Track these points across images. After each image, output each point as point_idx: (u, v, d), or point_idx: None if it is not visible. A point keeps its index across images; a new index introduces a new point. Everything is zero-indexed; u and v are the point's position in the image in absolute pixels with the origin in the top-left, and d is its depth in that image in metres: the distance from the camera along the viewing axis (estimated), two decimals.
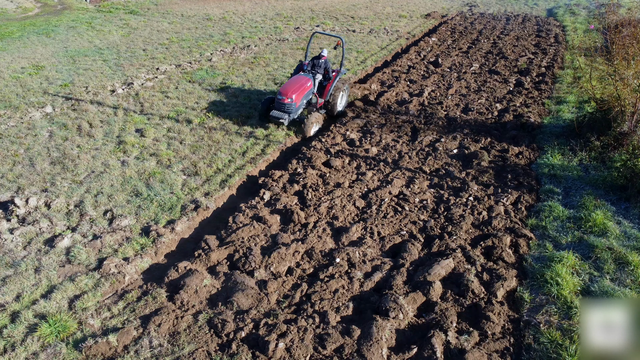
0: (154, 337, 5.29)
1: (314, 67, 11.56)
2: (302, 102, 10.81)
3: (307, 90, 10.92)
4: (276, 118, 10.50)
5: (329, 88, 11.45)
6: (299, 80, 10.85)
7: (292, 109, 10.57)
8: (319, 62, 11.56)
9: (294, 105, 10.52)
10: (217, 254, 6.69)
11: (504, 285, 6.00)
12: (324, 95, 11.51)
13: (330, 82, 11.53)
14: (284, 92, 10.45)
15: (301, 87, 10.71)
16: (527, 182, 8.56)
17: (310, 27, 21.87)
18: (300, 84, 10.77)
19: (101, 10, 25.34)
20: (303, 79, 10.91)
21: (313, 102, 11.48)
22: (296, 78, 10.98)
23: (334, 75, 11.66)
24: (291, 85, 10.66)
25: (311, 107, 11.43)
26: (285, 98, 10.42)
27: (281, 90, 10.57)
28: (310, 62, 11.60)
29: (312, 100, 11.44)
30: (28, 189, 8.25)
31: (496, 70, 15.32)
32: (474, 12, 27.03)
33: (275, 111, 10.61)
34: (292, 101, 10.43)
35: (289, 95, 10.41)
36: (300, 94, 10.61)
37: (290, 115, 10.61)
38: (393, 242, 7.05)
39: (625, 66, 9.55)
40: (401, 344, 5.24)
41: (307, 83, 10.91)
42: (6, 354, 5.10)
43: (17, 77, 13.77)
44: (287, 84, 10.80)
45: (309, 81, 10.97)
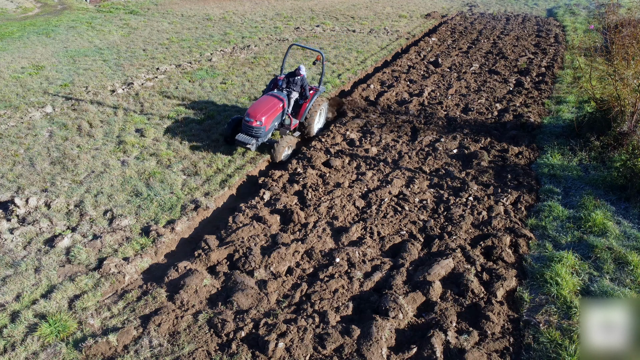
0: (154, 336, 5.29)
1: (289, 84, 10.32)
2: (272, 124, 9.66)
3: (279, 111, 9.76)
4: (242, 143, 9.26)
5: (304, 108, 10.37)
6: (270, 101, 9.66)
7: (261, 133, 9.35)
8: (295, 80, 10.29)
9: (263, 129, 9.32)
10: (217, 253, 6.70)
11: (504, 285, 6.01)
12: (299, 116, 10.39)
13: (307, 102, 10.39)
14: (252, 114, 9.24)
15: (272, 108, 9.53)
16: (527, 182, 8.57)
17: (311, 27, 21.88)
18: (272, 104, 9.57)
19: (101, 10, 25.35)
20: (275, 99, 9.72)
21: (286, 124, 10.26)
22: (267, 98, 9.78)
23: (312, 93, 10.55)
24: (261, 106, 9.44)
25: (284, 128, 10.24)
26: (254, 120, 9.21)
27: (249, 111, 9.34)
28: (286, 79, 10.40)
29: (284, 121, 10.25)
30: (28, 189, 8.25)
31: (496, 70, 15.32)
32: (474, 12, 27.03)
33: (241, 135, 9.36)
34: (261, 124, 9.22)
35: (257, 117, 9.21)
36: (270, 116, 9.46)
37: (259, 139, 9.42)
38: (393, 242, 7.05)
39: (625, 66, 9.55)
40: (401, 344, 5.25)
41: (279, 104, 9.73)
42: (6, 353, 5.10)
43: (17, 77, 13.77)
44: (256, 104, 9.58)
45: (281, 101, 9.80)
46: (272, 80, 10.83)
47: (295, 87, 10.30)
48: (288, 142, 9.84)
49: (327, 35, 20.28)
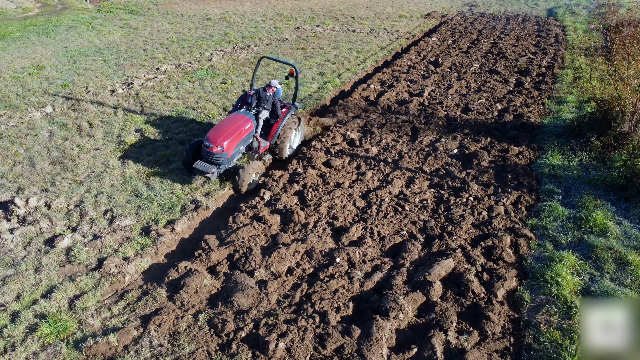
0: (154, 337, 5.29)
1: (259, 101, 9.29)
2: (237, 149, 8.62)
3: (245, 134, 8.69)
4: (200, 172, 8.21)
5: (276, 128, 9.27)
6: (234, 122, 8.60)
7: (223, 160, 8.31)
8: (266, 96, 9.22)
9: (225, 155, 8.28)
10: (217, 253, 6.69)
11: (504, 285, 6.00)
12: (270, 137, 9.29)
13: (279, 121, 9.30)
14: (212, 139, 8.23)
15: (236, 130, 8.49)
16: (527, 182, 8.56)
17: (311, 27, 21.87)
18: (236, 126, 8.52)
19: (101, 10, 25.35)
20: (240, 120, 8.67)
21: (254, 147, 9.13)
22: (232, 118, 8.72)
23: (284, 112, 9.48)
24: (223, 129, 8.42)
25: (252, 152, 9.12)
26: (214, 146, 8.18)
27: (208, 135, 8.32)
28: (256, 95, 9.32)
29: (252, 144, 9.14)
30: (28, 189, 8.25)
31: (496, 70, 15.32)
32: (474, 12, 27.03)
33: (200, 162, 8.31)
34: (222, 150, 8.20)
35: (218, 142, 8.19)
36: (234, 140, 8.42)
37: (221, 167, 8.40)
38: (393, 242, 7.05)
39: (625, 66, 9.55)
40: (401, 344, 5.25)
41: (245, 125, 8.64)
42: (6, 353, 5.10)
43: (17, 77, 13.77)
44: (217, 126, 8.54)
45: (247, 122, 8.72)
46: (240, 97, 9.78)
47: (266, 105, 9.27)
48: (255, 169, 8.65)
49: (327, 35, 20.28)
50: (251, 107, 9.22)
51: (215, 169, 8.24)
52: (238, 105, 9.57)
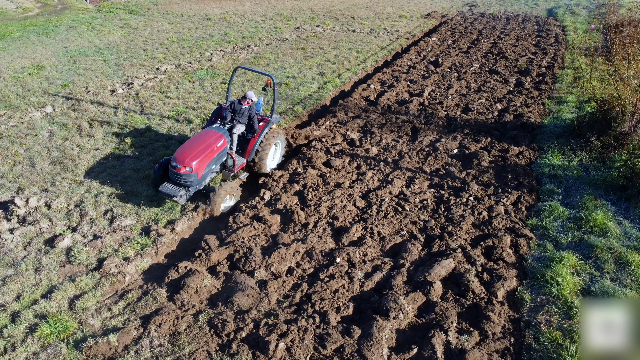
0: (154, 337, 5.29)
1: (234, 115, 8.65)
2: (208, 169, 7.91)
3: (218, 151, 8.00)
4: (167, 195, 7.53)
5: (253, 143, 8.66)
6: (204, 139, 7.93)
7: (192, 181, 7.62)
8: (241, 109, 8.59)
9: (194, 176, 7.59)
10: (217, 254, 6.69)
11: (504, 285, 6.00)
12: (247, 154, 8.67)
13: (256, 136, 8.69)
14: (180, 158, 7.52)
15: (207, 148, 7.80)
16: (527, 182, 8.56)
17: (311, 27, 21.87)
18: (206, 144, 7.84)
19: (101, 10, 25.34)
20: (211, 137, 7.99)
21: (229, 165, 8.50)
22: (202, 135, 8.05)
23: (262, 126, 8.83)
24: (192, 147, 7.74)
25: (227, 171, 8.48)
26: (182, 166, 7.46)
27: (176, 155, 7.61)
28: (230, 108, 8.67)
29: (227, 162, 8.51)
30: (28, 189, 8.24)
31: (496, 70, 15.32)
32: (474, 12, 27.03)
33: (167, 184, 7.64)
34: (191, 170, 7.51)
35: (186, 162, 7.47)
36: (205, 160, 7.73)
37: (190, 189, 7.73)
38: (393, 242, 7.05)
39: (626, 66, 9.55)
40: (401, 344, 5.24)
41: (216, 142, 7.97)
42: (6, 354, 5.10)
43: (17, 77, 13.77)
44: (186, 144, 7.85)
45: (220, 139, 8.04)
46: (215, 111, 9.14)
47: (242, 119, 8.64)
48: (228, 190, 8.01)
49: (327, 35, 20.28)
50: (226, 122, 8.53)
51: (183, 192, 7.55)
52: (212, 120, 8.92)
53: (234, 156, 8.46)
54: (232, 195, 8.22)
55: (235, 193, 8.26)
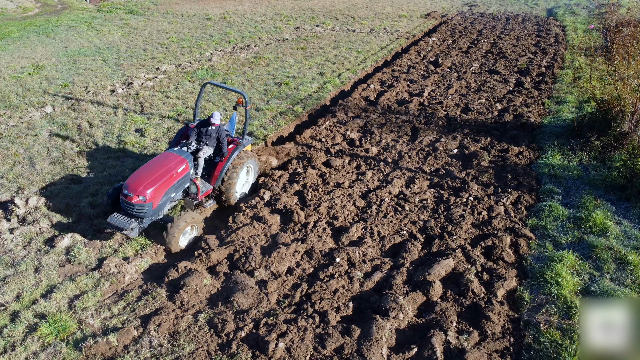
0: (154, 336, 5.29)
1: (200, 136, 7.93)
2: (166, 197, 7.08)
3: (177, 178, 7.17)
4: (115, 228, 6.72)
5: (220, 168, 7.83)
6: (163, 164, 7.11)
7: (146, 212, 6.82)
8: (208, 131, 7.87)
9: (149, 206, 6.78)
10: (217, 253, 6.69)
11: (504, 285, 6.00)
12: (213, 180, 7.85)
13: (224, 160, 7.86)
14: (133, 186, 6.73)
15: (165, 174, 6.98)
16: (527, 182, 8.56)
17: (311, 27, 21.87)
18: (165, 169, 7.02)
19: (101, 10, 25.34)
20: (171, 161, 7.16)
21: (192, 192, 7.68)
22: (160, 159, 7.23)
23: (231, 149, 8.00)
24: (147, 173, 6.92)
25: (190, 198, 7.65)
26: (134, 195, 6.67)
27: (128, 181, 6.83)
28: (197, 129, 7.97)
29: (190, 189, 7.68)
30: (28, 189, 8.25)
31: (496, 70, 15.32)
32: (474, 12, 27.02)
33: (116, 215, 6.83)
34: (145, 200, 6.71)
35: (139, 190, 6.68)
36: (162, 187, 6.91)
37: (144, 221, 6.93)
38: (393, 242, 7.05)
39: (625, 66, 9.55)
40: (401, 344, 5.24)
41: (177, 167, 7.13)
42: (6, 353, 5.10)
43: (17, 77, 13.77)
44: (141, 170, 7.06)
45: (181, 164, 7.20)
46: (180, 130, 8.40)
47: (209, 141, 7.91)
48: (189, 221, 7.12)
49: (327, 35, 20.28)
50: (191, 143, 7.80)
51: (135, 224, 6.72)
52: (177, 141, 8.16)
53: (198, 182, 7.60)
54: (194, 226, 7.30)
55: (197, 224, 7.32)
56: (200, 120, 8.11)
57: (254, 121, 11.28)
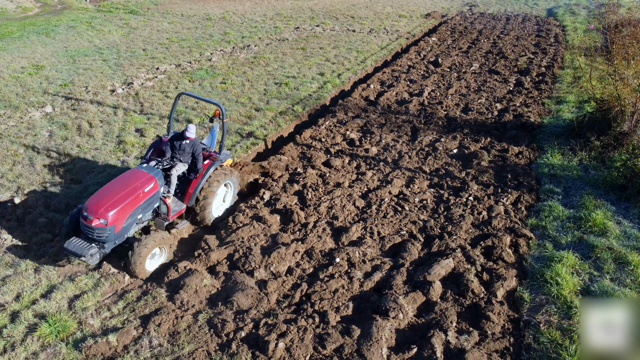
0: (154, 336, 5.29)
1: (174, 151, 7.33)
2: (131, 220, 6.46)
3: (145, 198, 6.53)
4: (72, 254, 6.10)
5: (194, 186, 7.21)
6: (129, 183, 6.47)
7: (108, 236, 6.19)
8: (182, 144, 7.26)
9: (111, 230, 6.16)
10: (217, 253, 6.69)
11: (504, 285, 6.00)
12: (187, 199, 7.21)
13: (199, 177, 7.26)
14: (93, 208, 6.10)
15: (130, 194, 6.35)
16: (527, 182, 8.56)
17: (311, 27, 21.87)
18: (130, 189, 6.39)
19: (101, 10, 25.34)
20: (138, 180, 6.52)
21: (162, 212, 7.03)
22: (127, 177, 6.60)
23: (206, 164, 7.39)
24: (110, 194, 6.30)
25: (160, 219, 6.98)
26: (94, 218, 6.05)
27: (88, 203, 6.21)
28: (170, 142, 7.39)
29: (160, 208, 7.02)
30: (28, 189, 8.24)
31: (496, 70, 15.31)
32: (474, 12, 27.02)
33: (74, 240, 6.21)
34: (106, 223, 6.08)
35: (100, 212, 6.05)
36: (126, 209, 6.29)
37: (106, 246, 6.30)
38: (393, 242, 7.05)
39: (625, 66, 9.55)
40: (401, 344, 5.24)
41: (144, 186, 6.50)
42: (6, 353, 5.10)
43: (17, 76, 13.77)
44: (103, 189, 6.44)
45: (149, 182, 6.56)
46: (152, 144, 7.69)
47: (183, 156, 7.31)
48: (157, 242, 6.48)
49: (327, 35, 20.28)
50: (164, 159, 7.26)
51: (95, 250, 6.12)
52: (148, 155, 7.46)
53: (169, 202, 6.97)
54: (163, 248, 6.67)
55: (166, 246, 6.71)
56: (175, 133, 7.55)
57: (254, 121, 11.28)
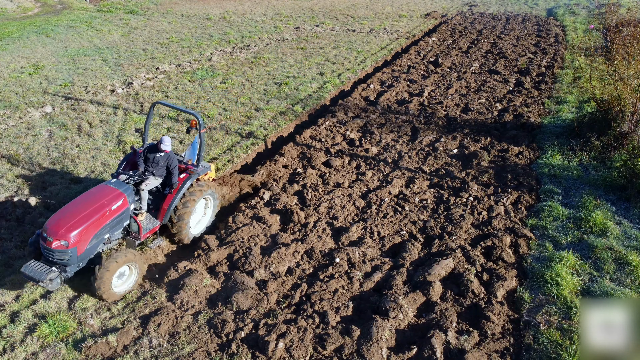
0: (154, 337, 5.29)
1: (147, 164, 6.85)
2: (97, 240, 5.97)
3: (113, 216, 6.06)
4: (31, 279, 5.57)
5: (169, 202, 6.72)
6: (93, 200, 5.98)
7: (70, 259, 5.68)
8: (155, 157, 6.77)
9: (73, 252, 5.65)
10: (216, 253, 6.69)
11: (504, 285, 6.00)
12: (161, 215, 6.74)
13: (174, 192, 6.78)
14: (53, 229, 5.62)
15: (95, 213, 5.86)
16: (527, 182, 8.56)
17: (310, 27, 21.86)
18: (95, 207, 5.90)
19: (101, 10, 25.33)
20: (104, 197, 6.05)
21: (134, 231, 6.55)
22: (93, 194, 6.12)
23: (182, 178, 6.90)
24: (72, 212, 5.81)
25: (132, 238, 6.49)
26: (54, 239, 5.56)
27: (48, 224, 5.72)
28: (143, 155, 6.89)
29: (130, 226, 6.52)
30: (28, 189, 8.24)
31: (496, 70, 15.31)
32: (474, 11, 27.02)
33: (33, 263, 5.70)
34: (67, 245, 5.58)
35: (59, 233, 5.56)
36: (90, 229, 5.79)
37: (68, 269, 5.75)
38: (393, 242, 7.04)
39: (625, 66, 9.55)
40: (401, 344, 5.24)
41: (111, 204, 6.02)
42: (6, 354, 5.10)
43: (16, 76, 13.76)
44: (66, 208, 5.95)
45: (117, 199, 6.09)
46: (126, 157, 7.25)
47: (157, 170, 6.83)
48: (122, 261, 5.83)
49: (327, 35, 20.27)
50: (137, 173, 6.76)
51: (55, 274, 5.58)
52: (121, 168, 7.04)
53: (140, 219, 6.48)
54: (132, 267, 6.08)
55: (136, 264, 6.09)
56: (149, 145, 6.98)
57: (253, 121, 11.28)
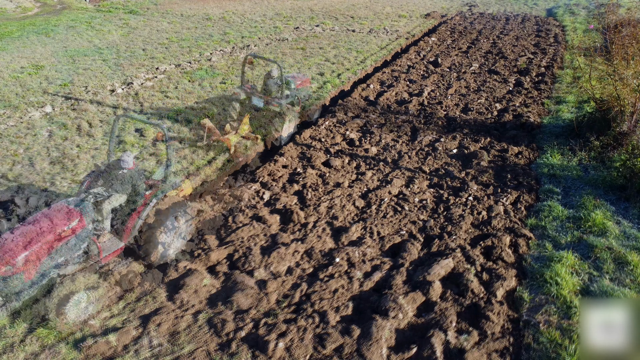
0: (154, 336, 5.29)
1: (111, 181, 6.28)
2: (47, 264, 5.41)
3: (67, 238, 5.55)
4: None
5: (133, 221, 6.25)
6: (45, 221, 5.49)
7: (16, 286, 5.20)
8: (118, 174, 6.27)
9: (19, 278, 5.18)
10: (216, 253, 6.69)
11: (504, 285, 6.01)
12: (125, 235, 6.23)
13: (139, 210, 6.29)
14: None
15: (46, 235, 5.38)
16: (526, 182, 8.57)
17: (310, 27, 21.87)
18: (47, 228, 5.42)
19: (101, 10, 25.33)
20: (57, 217, 5.58)
21: (93, 254, 5.93)
22: (43, 215, 5.62)
23: (148, 195, 6.44)
24: (19, 235, 5.33)
25: (91, 260, 5.91)
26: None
27: None
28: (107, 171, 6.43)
29: (90, 249, 5.91)
30: (28, 189, 8.24)
31: (496, 70, 15.32)
32: (473, 12, 27.03)
33: None
34: (11, 271, 5.11)
35: (4, 258, 5.09)
36: (40, 252, 5.32)
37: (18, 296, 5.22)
38: (393, 242, 7.05)
39: (625, 66, 9.56)
40: (401, 344, 5.25)
41: (64, 224, 5.54)
42: (5, 354, 5.09)
43: (16, 76, 13.76)
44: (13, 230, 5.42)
45: (72, 219, 5.63)
46: (88, 174, 6.72)
47: (121, 186, 6.25)
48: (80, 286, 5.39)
49: (327, 35, 20.28)
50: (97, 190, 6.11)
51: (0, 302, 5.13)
52: (84, 186, 6.49)
53: (100, 240, 5.94)
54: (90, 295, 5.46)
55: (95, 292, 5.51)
56: (113, 161, 6.61)
57: (254, 122, 11.28)
